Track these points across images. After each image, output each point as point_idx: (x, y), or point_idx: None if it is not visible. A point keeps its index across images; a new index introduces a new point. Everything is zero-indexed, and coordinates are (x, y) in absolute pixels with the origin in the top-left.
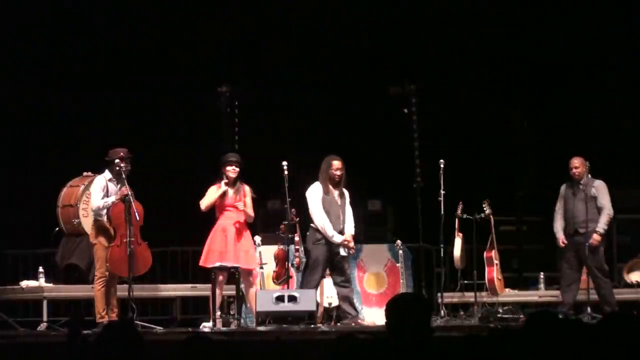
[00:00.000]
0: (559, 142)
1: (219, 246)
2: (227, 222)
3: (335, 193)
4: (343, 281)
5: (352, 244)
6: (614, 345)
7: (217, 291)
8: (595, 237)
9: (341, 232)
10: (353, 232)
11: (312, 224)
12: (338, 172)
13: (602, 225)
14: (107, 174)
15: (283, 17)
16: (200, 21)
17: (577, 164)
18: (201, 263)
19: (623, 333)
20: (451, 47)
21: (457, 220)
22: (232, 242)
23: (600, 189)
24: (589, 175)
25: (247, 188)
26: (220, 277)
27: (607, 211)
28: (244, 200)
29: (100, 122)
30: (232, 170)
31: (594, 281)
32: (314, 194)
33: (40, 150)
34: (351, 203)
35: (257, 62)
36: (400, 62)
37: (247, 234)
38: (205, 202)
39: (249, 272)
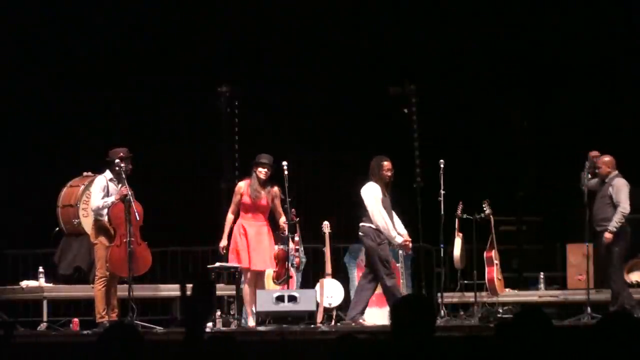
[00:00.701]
0: (559, 142)
1: (241, 246)
2: (247, 221)
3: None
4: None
5: (410, 245)
6: (614, 345)
7: (249, 290)
8: (606, 235)
9: None
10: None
11: (367, 224)
12: (389, 173)
13: (613, 222)
14: (107, 174)
15: (283, 17)
16: (200, 21)
17: (600, 163)
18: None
19: (623, 333)
20: (451, 47)
21: (457, 220)
22: (253, 243)
23: (616, 187)
24: (612, 174)
25: (277, 191)
26: (249, 275)
27: (620, 208)
28: (275, 203)
29: (100, 122)
30: (263, 173)
31: (606, 280)
32: (374, 194)
33: (40, 150)
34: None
35: (257, 62)
36: (400, 62)
37: (268, 234)
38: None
39: (262, 274)
